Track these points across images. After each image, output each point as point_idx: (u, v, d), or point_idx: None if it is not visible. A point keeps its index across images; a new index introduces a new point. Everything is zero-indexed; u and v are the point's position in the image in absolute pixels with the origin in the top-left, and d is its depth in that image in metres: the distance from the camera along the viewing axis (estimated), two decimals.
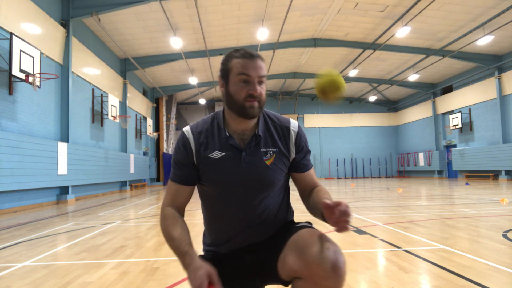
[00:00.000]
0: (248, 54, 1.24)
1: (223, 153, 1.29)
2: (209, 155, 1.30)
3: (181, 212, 1.35)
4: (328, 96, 1.25)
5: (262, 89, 1.25)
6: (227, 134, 1.30)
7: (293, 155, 1.36)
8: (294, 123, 1.39)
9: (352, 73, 18.60)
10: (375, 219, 5.22)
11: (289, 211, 1.46)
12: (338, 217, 1.03)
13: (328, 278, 1.03)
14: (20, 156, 7.45)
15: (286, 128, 1.36)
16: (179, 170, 1.33)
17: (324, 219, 1.15)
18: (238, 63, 1.23)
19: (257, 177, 1.29)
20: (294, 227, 1.30)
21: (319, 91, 1.26)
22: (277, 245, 1.25)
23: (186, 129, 1.36)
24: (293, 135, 1.36)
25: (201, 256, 1.39)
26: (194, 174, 1.33)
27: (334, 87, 1.23)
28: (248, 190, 1.29)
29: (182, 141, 1.33)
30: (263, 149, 1.31)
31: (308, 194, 1.37)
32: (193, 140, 1.32)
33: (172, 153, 1.38)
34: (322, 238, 1.12)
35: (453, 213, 5.80)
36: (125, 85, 15.17)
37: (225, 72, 1.27)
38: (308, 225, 1.31)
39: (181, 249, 1.19)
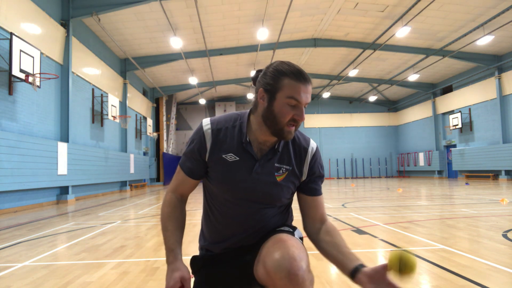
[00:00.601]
0: (301, 77, 1.16)
1: (238, 158, 1.26)
2: (223, 156, 1.26)
3: (184, 199, 1.38)
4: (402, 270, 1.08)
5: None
6: (247, 140, 1.26)
7: (304, 177, 1.33)
8: (312, 145, 1.35)
9: (352, 73, 18.60)
10: (375, 219, 5.22)
11: (289, 217, 1.44)
12: None
13: (286, 286, 1.01)
14: (20, 156, 7.44)
15: (304, 148, 1.33)
16: (189, 161, 1.32)
17: (350, 274, 1.10)
18: (291, 85, 1.16)
19: (263, 191, 1.27)
20: (273, 232, 1.28)
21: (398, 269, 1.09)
22: (257, 251, 1.24)
23: (206, 122, 1.30)
24: (309, 157, 1.32)
25: (194, 256, 1.39)
26: (202, 169, 1.32)
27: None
28: (252, 200, 1.28)
29: (199, 136, 1.29)
30: (277, 165, 1.28)
31: (317, 231, 1.31)
32: (210, 136, 1.28)
33: (188, 141, 1.35)
34: (284, 245, 1.08)
35: (453, 213, 5.80)
36: (125, 85, 15.17)
37: (273, 88, 1.18)
38: (288, 229, 1.29)
39: (169, 244, 1.25)
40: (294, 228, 1.34)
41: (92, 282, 2.51)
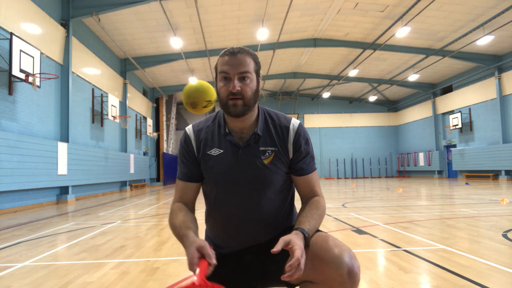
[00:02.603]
0: (229, 52, 1.24)
1: (222, 150, 1.29)
2: (208, 152, 1.31)
3: (189, 207, 1.35)
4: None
5: (245, 85, 1.21)
6: (227, 131, 1.30)
7: (291, 154, 1.32)
8: (294, 122, 1.35)
9: (352, 73, 18.60)
10: (375, 219, 5.22)
11: (293, 214, 1.43)
12: (289, 270, 1.01)
13: (344, 284, 1.03)
14: (20, 156, 7.44)
15: (286, 127, 1.33)
16: (184, 167, 1.35)
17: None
18: (221, 61, 1.25)
19: (254, 176, 1.27)
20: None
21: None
22: (269, 250, 1.24)
23: (188, 127, 1.39)
24: (291, 133, 1.32)
25: None
26: (198, 170, 1.34)
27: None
28: (245, 188, 1.28)
29: (184, 139, 1.37)
30: (261, 148, 1.29)
31: (304, 203, 1.33)
32: (193, 137, 1.34)
33: (178, 153, 1.41)
34: (337, 243, 1.11)
35: (453, 213, 5.80)
36: (125, 85, 15.17)
37: (215, 72, 1.29)
38: (318, 229, 1.29)
39: (180, 234, 1.17)
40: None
41: (92, 282, 2.51)
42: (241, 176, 1.27)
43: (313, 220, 1.19)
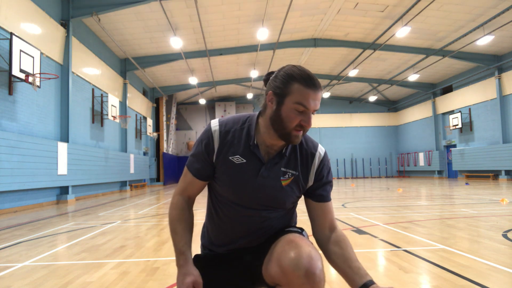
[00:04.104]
0: (312, 83, 1.14)
1: (244, 160, 1.25)
2: (230, 158, 1.25)
3: (191, 201, 1.36)
4: None
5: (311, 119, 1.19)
6: (255, 143, 1.25)
7: (311, 183, 1.31)
8: (321, 150, 1.34)
9: (352, 73, 18.60)
10: (375, 219, 5.22)
11: (293, 218, 1.44)
12: None
13: (303, 285, 1.02)
14: (20, 156, 7.44)
15: (311, 154, 1.31)
16: (197, 163, 1.30)
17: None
18: (300, 90, 1.14)
19: (268, 195, 1.26)
20: (282, 232, 1.28)
21: None
22: (264, 250, 1.25)
23: (214, 123, 1.30)
24: (316, 162, 1.31)
25: (197, 255, 1.39)
26: (210, 171, 1.30)
27: None
28: (257, 203, 1.27)
29: (206, 137, 1.28)
30: (283, 169, 1.27)
31: (327, 239, 1.28)
32: (218, 137, 1.27)
33: (195, 142, 1.33)
34: (299, 244, 1.09)
35: (453, 213, 5.80)
36: (125, 85, 15.17)
37: (282, 92, 1.16)
38: (297, 230, 1.30)
39: (179, 246, 1.24)
40: (302, 230, 1.33)
41: (92, 282, 2.51)
42: (257, 192, 1.25)
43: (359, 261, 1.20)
